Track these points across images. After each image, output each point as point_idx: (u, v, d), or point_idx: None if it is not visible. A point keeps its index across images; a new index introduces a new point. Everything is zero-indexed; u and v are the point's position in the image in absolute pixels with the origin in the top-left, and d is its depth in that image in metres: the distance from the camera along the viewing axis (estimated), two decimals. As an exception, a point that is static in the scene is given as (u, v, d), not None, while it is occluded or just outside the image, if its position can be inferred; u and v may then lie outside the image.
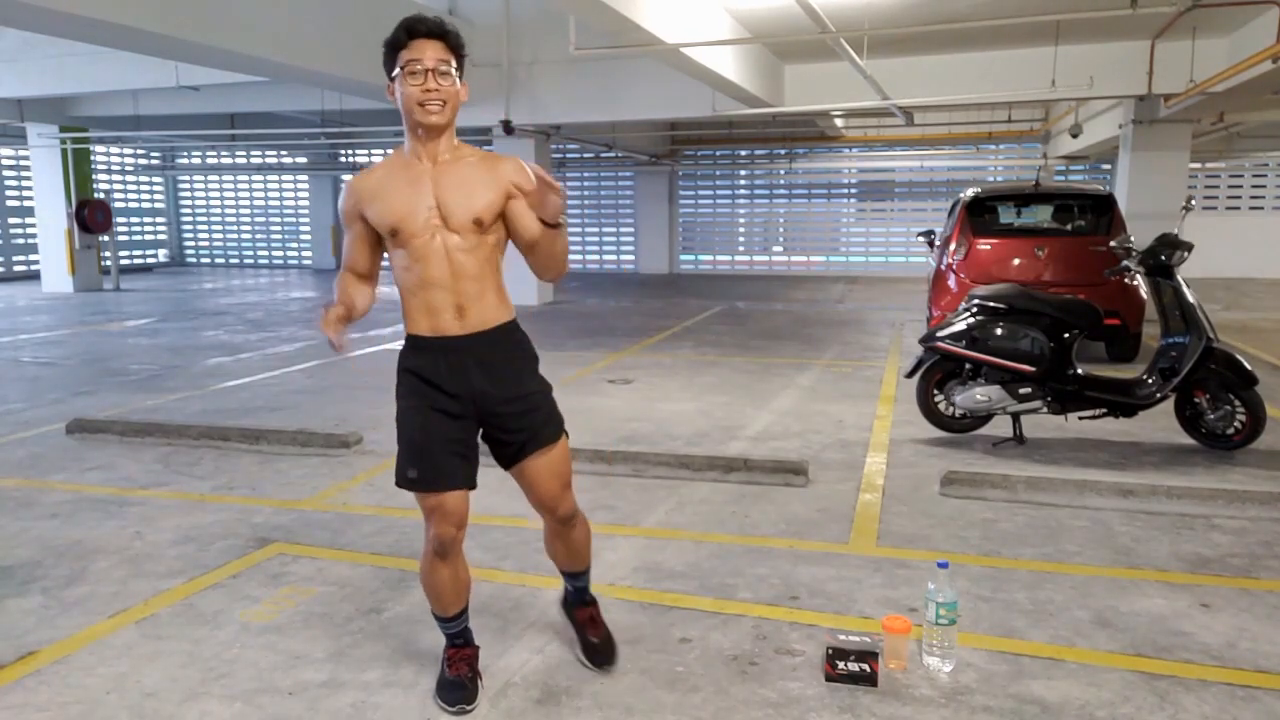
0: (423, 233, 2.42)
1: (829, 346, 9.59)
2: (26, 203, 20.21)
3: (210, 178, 25.37)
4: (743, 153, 21.36)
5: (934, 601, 2.77)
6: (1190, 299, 5.21)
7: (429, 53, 2.38)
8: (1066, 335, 5.27)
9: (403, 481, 2.51)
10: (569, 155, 21.87)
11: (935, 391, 5.65)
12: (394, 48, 2.42)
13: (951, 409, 5.59)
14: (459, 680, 2.62)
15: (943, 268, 8.51)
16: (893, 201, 20.95)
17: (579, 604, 2.90)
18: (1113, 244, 5.82)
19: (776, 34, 10.27)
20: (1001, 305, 5.40)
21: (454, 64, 2.42)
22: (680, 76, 10.20)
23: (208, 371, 8.25)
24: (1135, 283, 7.55)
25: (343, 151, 23.38)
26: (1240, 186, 18.85)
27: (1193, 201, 5.85)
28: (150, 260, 24.70)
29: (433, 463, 2.46)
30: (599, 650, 2.82)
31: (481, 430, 2.58)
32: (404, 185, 2.44)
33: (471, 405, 2.51)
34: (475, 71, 12.07)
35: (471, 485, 2.53)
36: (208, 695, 2.69)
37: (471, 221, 2.42)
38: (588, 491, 4.44)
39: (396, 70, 2.41)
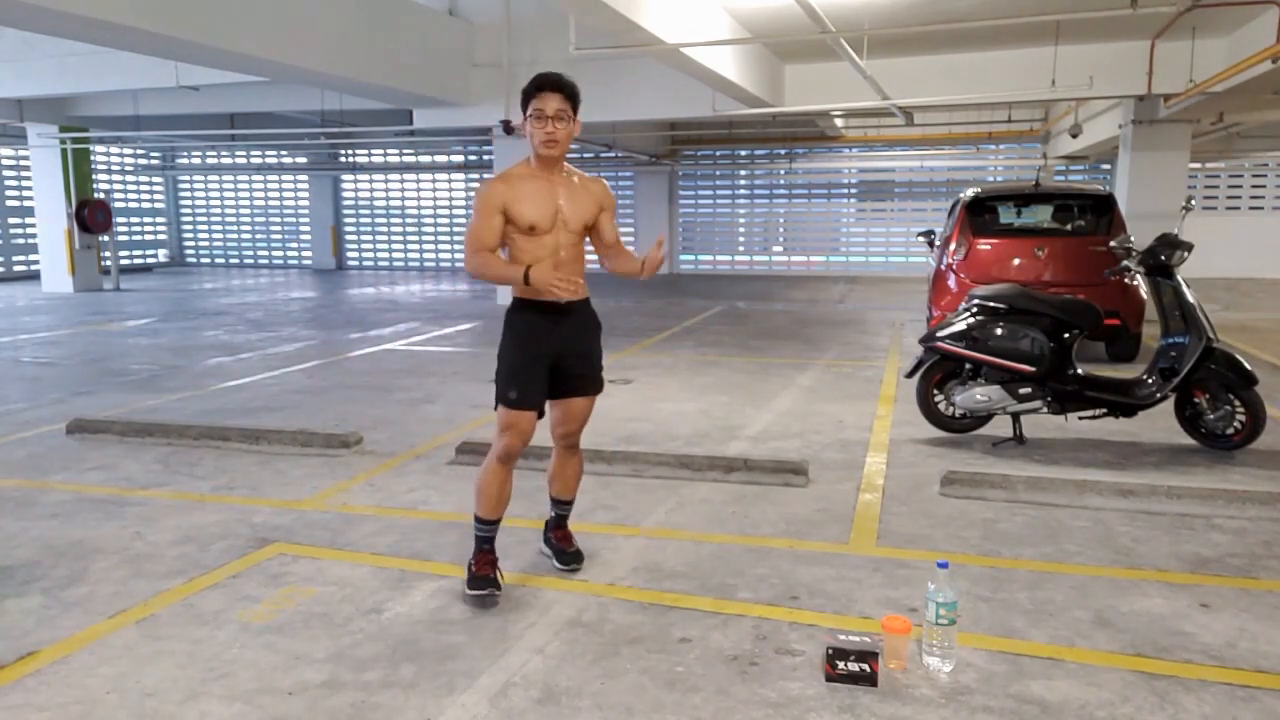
0: (547, 228, 3.25)
1: (829, 346, 9.59)
2: (26, 203, 20.21)
3: (210, 178, 25.37)
4: (743, 153, 21.36)
5: (934, 601, 2.77)
6: (1190, 299, 5.21)
7: (551, 104, 3.18)
8: (1066, 335, 5.27)
9: (503, 400, 3.33)
10: (569, 155, 21.85)
11: (935, 391, 5.65)
12: (527, 96, 3.21)
13: (951, 409, 5.59)
14: (486, 576, 3.31)
15: (943, 268, 8.51)
16: (893, 201, 20.96)
17: (557, 527, 3.67)
18: (1113, 244, 5.82)
19: (776, 34, 10.27)
20: (1001, 305, 5.40)
21: (570, 109, 3.22)
22: (680, 76, 10.20)
23: (208, 371, 8.25)
24: (1135, 283, 7.56)
25: (343, 151, 23.39)
26: (1240, 186, 18.86)
27: (1193, 201, 5.85)
28: (150, 260, 24.69)
29: (525, 390, 3.31)
30: (574, 555, 3.60)
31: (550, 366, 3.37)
32: (536, 194, 3.24)
33: (554, 350, 3.33)
34: (475, 71, 12.08)
35: (543, 412, 3.41)
36: (208, 695, 2.69)
37: (583, 225, 3.33)
38: (588, 492, 4.44)
39: (528, 112, 3.20)
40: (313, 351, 9.39)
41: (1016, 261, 8.20)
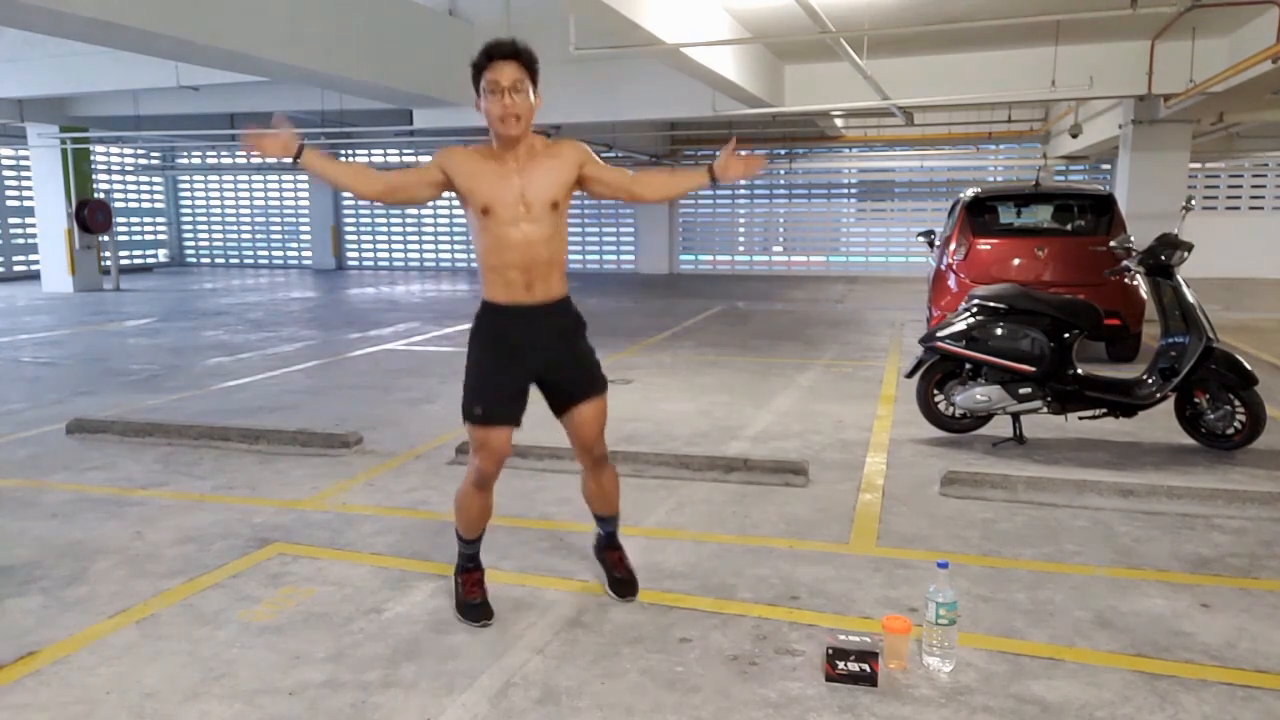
0: (509, 219, 2.90)
1: (829, 346, 9.59)
2: (26, 203, 20.21)
3: (210, 178, 25.36)
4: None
5: (934, 601, 2.77)
6: (1190, 299, 5.22)
7: (506, 73, 2.83)
8: (1066, 335, 5.27)
9: (469, 417, 3.04)
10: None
11: (935, 391, 5.65)
12: (477, 69, 2.87)
13: (951, 409, 5.59)
14: (476, 602, 3.16)
15: (943, 268, 8.51)
16: (893, 201, 20.96)
17: (609, 547, 3.39)
18: (1113, 244, 5.82)
19: (776, 34, 10.27)
20: (1001, 305, 5.40)
21: (528, 80, 2.87)
22: (680, 76, 10.20)
23: (208, 371, 8.25)
24: (1135, 283, 7.56)
25: (343, 151, 23.37)
26: (1240, 186, 18.85)
27: (1193, 202, 5.86)
28: (150, 260, 24.70)
29: (494, 404, 3.01)
30: (624, 583, 3.31)
31: (539, 382, 3.10)
32: (494, 175, 2.91)
33: (534, 359, 3.02)
34: (475, 71, 12.07)
35: (518, 424, 3.06)
36: (208, 695, 2.69)
37: (550, 205, 2.94)
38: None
39: (482, 86, 2.86)
40: (312, 351, 9.39)
41: (1016, 261, 8.20)
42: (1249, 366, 5.10)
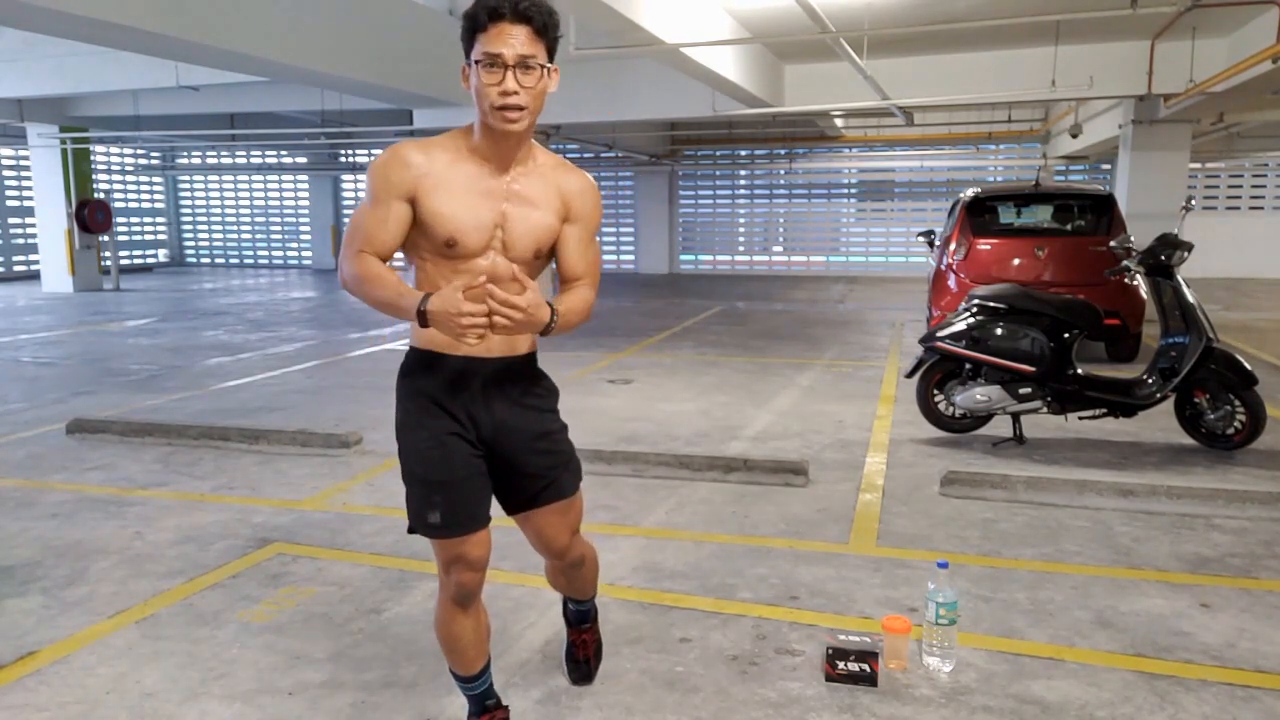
0: (480, 251, 2.08)
1: (829, 346, 9.59)
2: (26, 203, 20.21)
3: (210, 178, 25.37)
4: (743, 153, 21.36)
5: (934, 601, 2.77)
6: (1190, 299, 5.22)
7: (512, 44, 1.95)
8: (1066, 335, 5.27)
9: (422, 528, 2.15)
10: (569, 155, 21.89)
11: (935, 391, 5.65)
12: (472, 29, 2.01)
13: (951, 409, 5.59)
14: None
15: (943, 268, 8.51)
16: (893, 201, 20.96)
17: (574, 624, 2.76)
18: (1113, 244, 5.82)
19: (776, 34, 10.27)
20: (1001, 305, 5.40)
21: (542, 54, 2.00)
22: (680, 76, 10.20)
23: (208, 371, 8.25)
24: (1135, 283, 7.56)
25: (343, 151, 23.39)
26: (1240, 186, 18.85)
27: (1193, 201, 5.86)
28: (150, 260, 24.70)
29: (457, 501, 2.12)
30: (580, 668, 2.75)
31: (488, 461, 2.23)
32: (470, 192, 2.06)
33: (484, 436, 2.18)
34: (475, 71, 12.08)
35: (487, 521, 2.20)
36: (208, 695, 2.69)
37: (532, 254, 2.13)
38: (587, 491, 4.42)
39: (474, 58, 2.01)
40: (312, 351, 9.39)
41: (1016, 261, 8.20)
42: (1249, 366, 5.10)
